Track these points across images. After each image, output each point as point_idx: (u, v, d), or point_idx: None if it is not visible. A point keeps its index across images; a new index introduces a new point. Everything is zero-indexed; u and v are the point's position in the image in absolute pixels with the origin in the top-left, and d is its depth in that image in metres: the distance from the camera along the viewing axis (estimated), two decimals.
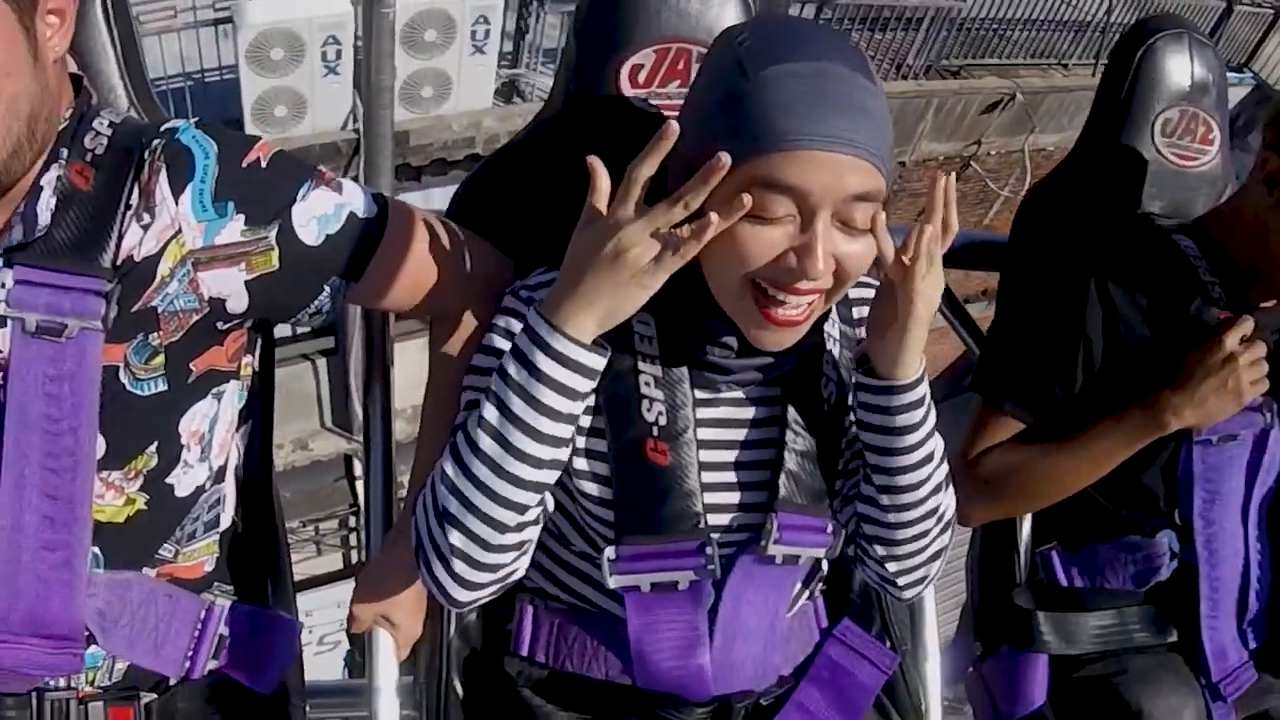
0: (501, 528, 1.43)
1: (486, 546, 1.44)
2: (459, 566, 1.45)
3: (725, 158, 1.23)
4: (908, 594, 1.71)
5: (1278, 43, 15.05)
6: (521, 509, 1.43)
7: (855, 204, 1.33)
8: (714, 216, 1.26)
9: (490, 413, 1.39)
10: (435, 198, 9.99)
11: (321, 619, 9.77)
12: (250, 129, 8.70)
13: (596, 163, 1.34)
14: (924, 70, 11.95)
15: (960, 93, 12.04)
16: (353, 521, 12.15)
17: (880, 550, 1.63)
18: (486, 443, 1.39)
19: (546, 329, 1.35)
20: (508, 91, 10.13)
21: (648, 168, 1.29)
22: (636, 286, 1.33)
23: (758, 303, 1.39)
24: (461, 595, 1.50)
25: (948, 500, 1.60)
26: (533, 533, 1.51)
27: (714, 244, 1.32)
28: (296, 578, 1.99)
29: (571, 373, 1.36)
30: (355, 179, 8.65)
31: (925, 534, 1.60)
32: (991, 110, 12.18)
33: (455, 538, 1.43)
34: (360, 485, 11.09)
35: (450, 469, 1.42)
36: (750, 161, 1.29)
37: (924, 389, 1.49)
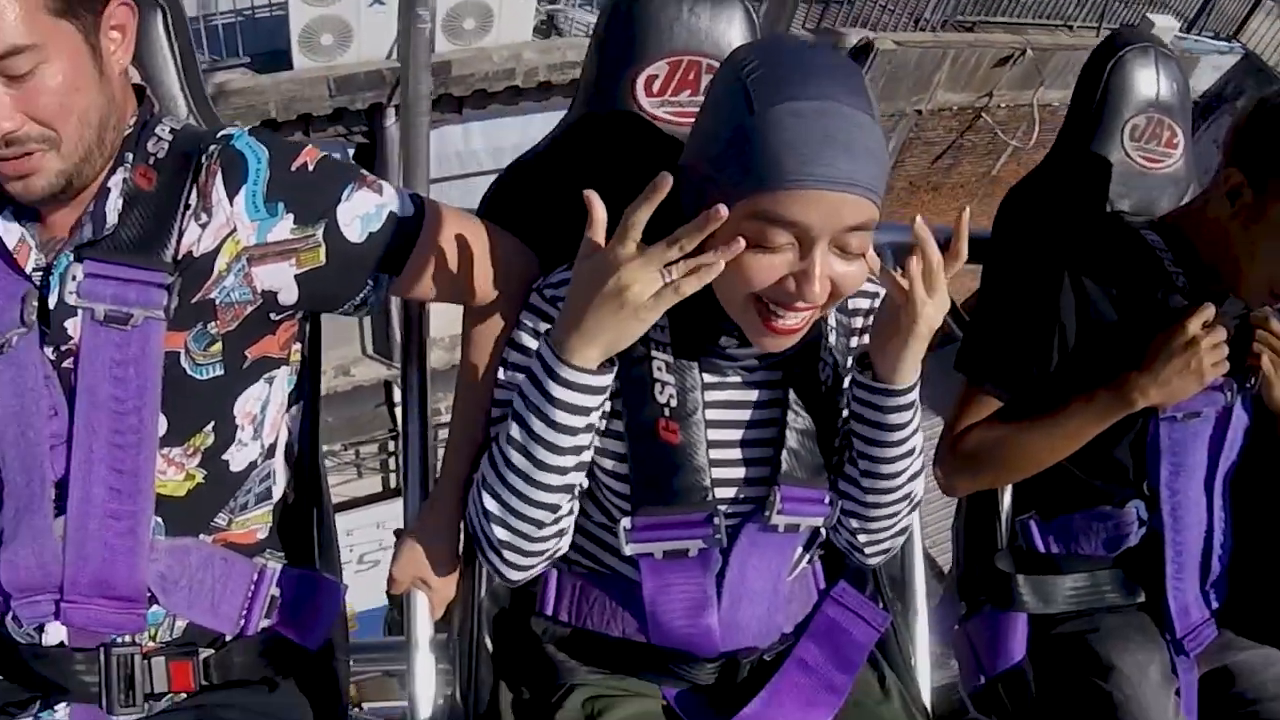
0: (539, 524, 1.52)
1: (529, 539, 1.54)
2: (508, 556, 1.56)
3: (723, 210, 1.26)
4: (872, 561, 1.76)
5: (1263, 17, 14.89)
6: (554, 509, 1.52)
7: (851, 233, 1.34)
8: (713, 257, 1.29)
9: (516, 431, 1.47)
10: (475, 132, 10.39)
11: (361, 538, 9.80)
12: (297, 58, 8.87)
13: (592, 196, 1.38)
14: (940, 24, 11.83)
15: (975, 45, 11.90)
16: (391, 446, 12.08)
17: (855, 524, 1.67)
18: (516, 458, 1.48)
19: (555, 360, 1.42)
20: (546, 28, 10.00)
21: (644, 212, 1.31)
22: (635, 320, 1.37)
23: (760, 315, 1.41)
24: (515, 576, 1.61)
25: (920, 487, 1.63)
26: (569, 521, 1.59)
27: (726, 275, 1.35)
28: (337, 500, 2.03)
29: (581, 394, 1.43)
30: (396, 109, 8.78)
31: (897, 515, 1.65)
32: (1003, 64, 12.04)
33: (501, 534, 1.53)
34: (399, 411, 11.05)
35: (490, 478, 1.52)
36: (755, 196, 1.31)
37: (915, 393, 1.52)
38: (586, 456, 1.52)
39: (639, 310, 1.34)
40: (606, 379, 1.42)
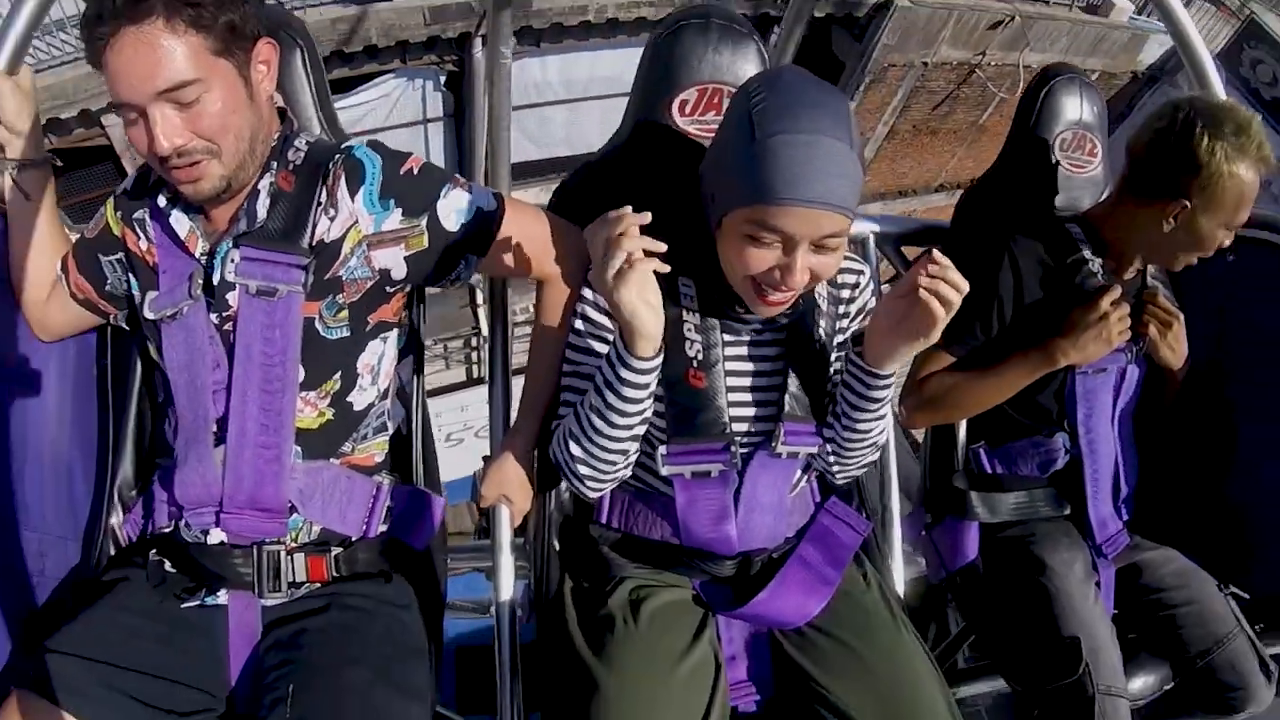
0: (613, 465, 1.58)
1: (605, 474, 1.60)
2: (589, 484, 1.62)
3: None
4: (839, 481, 1.77)
5: (1195, 10, 14.57)
6: (625, 453, 1.58)
7: (827, 238, 1.39)
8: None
9: (596, 400, 1.51)
10: (550, 65, 10.15)
11: (448, 420, 9.68)
12: None
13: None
14: None
15: (974, 9, 11.49)
16: (474, 341, 11.88)
17: (831, 457, 1.70)
18: (597, 422, 1.52)
19: (619, 361, 1.46)
20: None
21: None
22: (648, 309, 1.39)
23: (755, 291, 1.47)
24: (593, 496, 1.68)
25: (886, 434, 1.68)
26: (634, 456, 1.62)
27: (726, 254, 1.46)
28: (429, 387, 2.02)
29: (641, 375, 1.46)
30: (483, 39, 8.50)
31: (864, 455, 1.69)
32: (995, 28, 11.70)
33: (584, 470, 1.58)
34: (482, 311, 10.88)
35: (575, 431, 1.56)
36: (753, 206, 1.36)
37: (894, 376, 1.55)
38: (649, 414, 1.54)
39: (635, 309, 1.38)
40: (658, 362, 1.46)
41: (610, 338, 1.56)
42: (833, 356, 1.67)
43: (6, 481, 1.67)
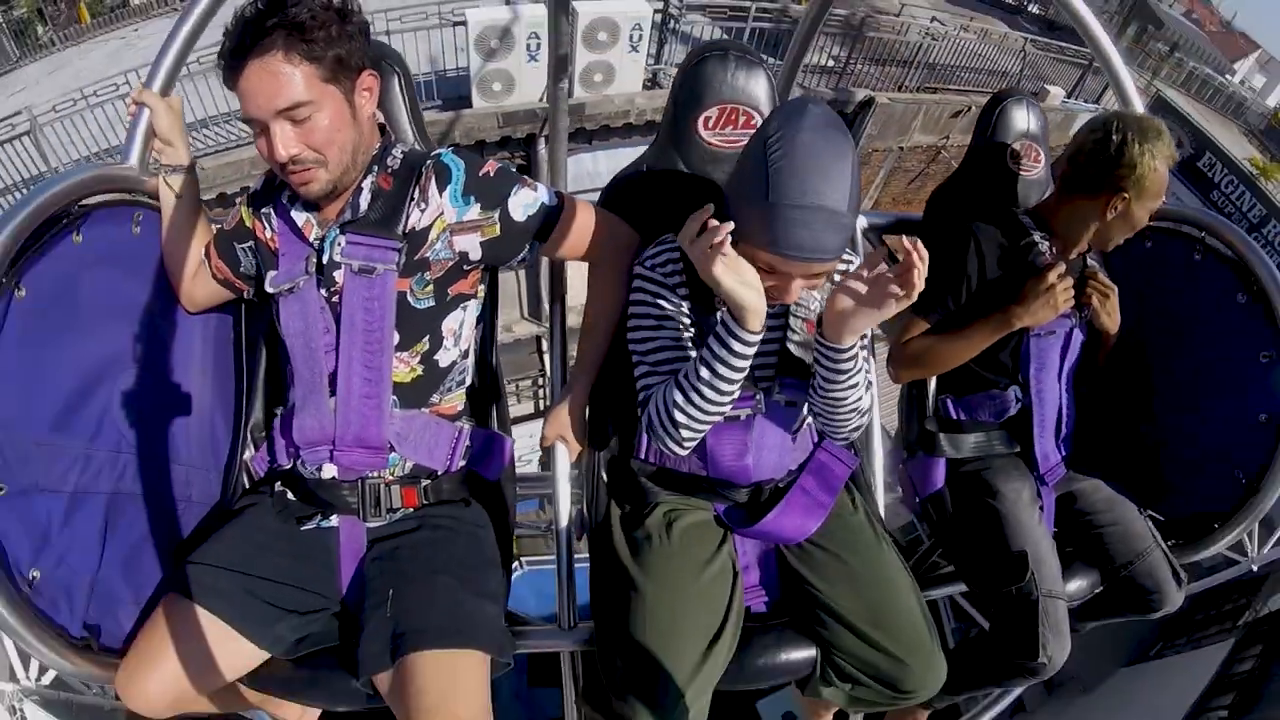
0: (711, 423, 1.54)
1: (699, 432, 1.54)
2: (687, 445, 1.55)
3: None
4: (838, 442, 1.76)
5: (1110, 96, 14.68)
6: (724, 413, 1.53)
7: (820, 275, 1.42)
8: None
9: (705, 373, 1.45)
10: (600, 158, 9.97)
11: (521, 445, 9.04)
12: (476, 100, 8.72)
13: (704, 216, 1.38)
14: (916, 89, 11.66)
15: (938, 103, 11.71)
16: (540, 381, 12.06)
17: (820, 424, 1.67)
18: (707, 392, 1.46)
19: (731, 337, 1.42)
20: (651, 82, 9.78)
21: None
22: (747, 289, 1.37)
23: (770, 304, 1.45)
24: (682, 453, 1.60)
25: (866, 401, 1.61)
26: None
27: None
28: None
29: (749, 346, 1.43)
30: (545, 138, 8.52)
31: (850, 420, 1.62)
32: (956, 116, 11.86)
33: (687, 435, 1.53)
34: (546, 357, 10.99)
35: (679, 399, 1.49)
36: (762, 250, 1.37)
37: (858, 348, 1.51)
38: (742, 380, 1.49)
39: (736, 291, 1.36)
40: (762, 333, 1.42)
41: (665, 306, 1.57)
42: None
43: (160, 425, 1.71)
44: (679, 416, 1.50)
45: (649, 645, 1.53)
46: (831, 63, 11.12)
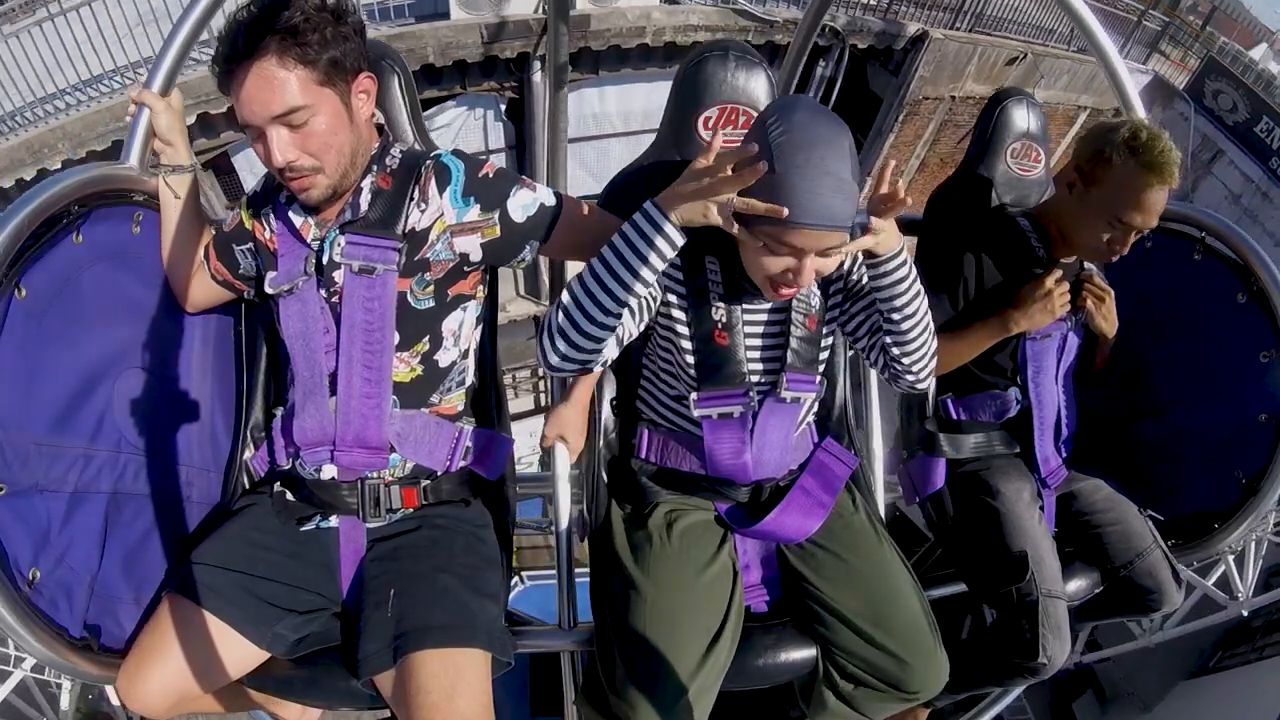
0: (589, 349, 1.46)
1: (574, 342, 1.44)
2: (558, 351, 1.45)
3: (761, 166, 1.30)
4: (923, 384, 1.67)
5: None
6: (602, 341, 1.46)
7: (830, 249, 1.40)
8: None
9: (600, 268, 1.42)
10: (610, 95, 9.22)
11: (520, 445, 8.51)
12: (454, 11, 7.66)
13: (715, 141, 1.37)
14: (969, 28, 10.92)
15: (993, 45, 10.96)
16: (540, 372, 10.42)
17: (900, 354, 1.59)
18: (595, 288, 1.41)
19: (658, 214, 1.38)
20: None
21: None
22: (705, 210, 1.37)
23: (772, 286, 1.48)
24: (553, 363, 1.48)
25: (929, 315, 1.59)
26: (611, 350, 1.50)
27: (747, 257, 1.47)
28: None
29: (667, 245, 1.39)
30: (541, 59, 7.61)
31: (926, 341, 1.59)
32: (1011, 64, 11.21)
33: (560, 342, 1.45)
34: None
35: (568, 302, 1.43)
36: (772, 224, 1.35)
37: (904, 254, 1.51)
38: (639, 301, 1.48)
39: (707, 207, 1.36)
40: (682, 239, 1.39)
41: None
42: (826, 316, 1.69)
43: (162, 426, 1.71)
44: (561, 316, 1.44)
45: (649, 645, 1.53)
46: (874, 1, 10.39)
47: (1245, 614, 3.43)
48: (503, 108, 9.13)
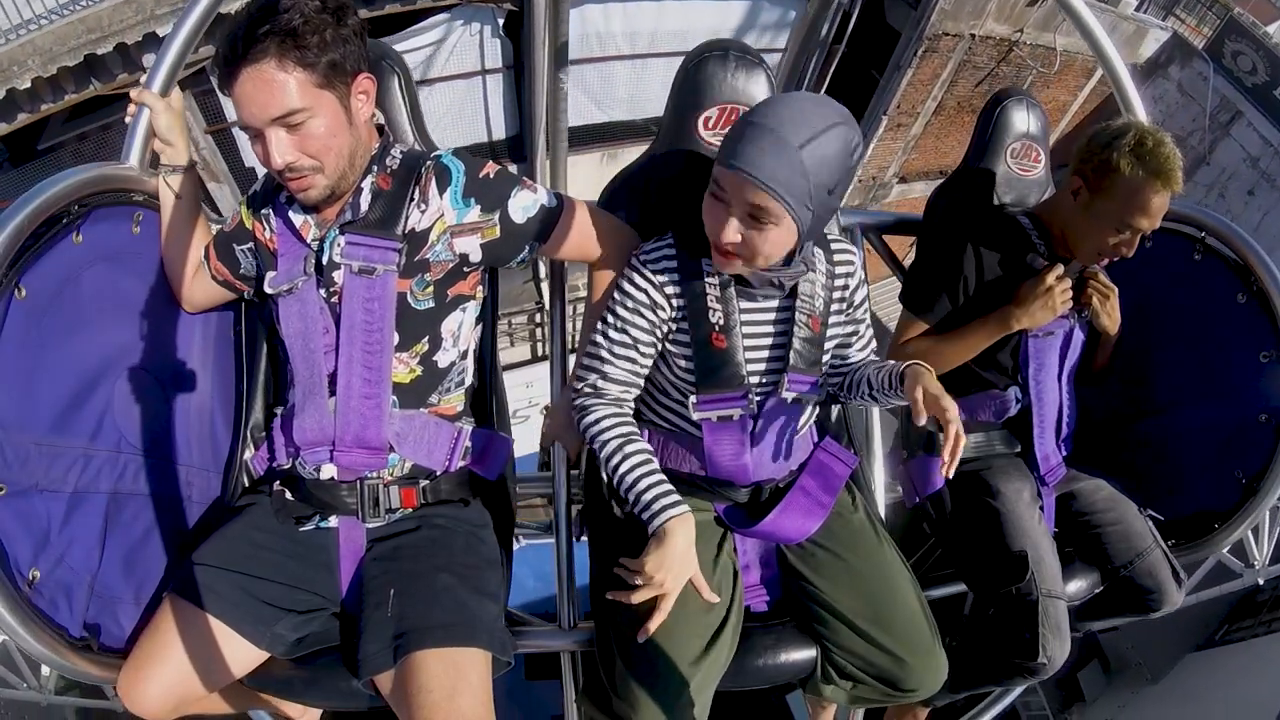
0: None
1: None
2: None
3: None
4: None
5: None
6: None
7: (756, 209, 1.41)
8: None
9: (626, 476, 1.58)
10: (614, 12, 8.38)
11: (514, 396, 7.98)
12: None
13: None
14: None
15: None
16: (538, 318, 10.51)
17: (849, 396, 1.72)
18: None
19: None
20: None
21: None
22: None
23: (716, 249, 1.50)
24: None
25: None
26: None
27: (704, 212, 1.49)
28: None
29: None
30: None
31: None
32: (1033, 4, 10.79)
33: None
34: (545, 285, 8.95)
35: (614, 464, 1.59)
36: (716, 166, 1.43)
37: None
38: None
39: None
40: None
41: (650, 297, 1.60)
42: (830, 320, 1.69)
43: (160, 425, 1.71)
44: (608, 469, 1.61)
45: (650, 644, 1.53)
46: None
47: (1261, 582, 3.40)
48: (500, 22, 8.26)
